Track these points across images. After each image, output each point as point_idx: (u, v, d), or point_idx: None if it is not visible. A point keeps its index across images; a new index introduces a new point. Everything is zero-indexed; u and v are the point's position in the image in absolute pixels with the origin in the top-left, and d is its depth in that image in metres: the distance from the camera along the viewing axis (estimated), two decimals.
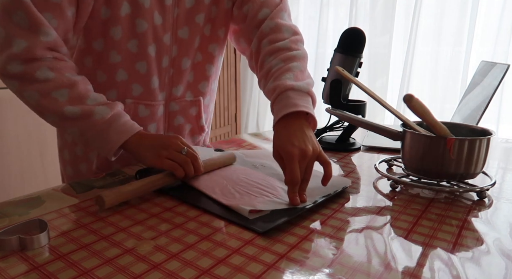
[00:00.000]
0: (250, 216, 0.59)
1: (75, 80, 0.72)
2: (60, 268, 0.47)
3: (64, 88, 0.70)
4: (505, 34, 2.15)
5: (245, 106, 3.14)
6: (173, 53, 0.86)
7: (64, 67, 0.72)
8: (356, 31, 0.99)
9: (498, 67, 1.00)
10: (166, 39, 0.83)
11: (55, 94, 0.70)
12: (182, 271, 0.47)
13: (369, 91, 0.80)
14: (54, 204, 0.66)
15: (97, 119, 0.71)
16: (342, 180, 0.75)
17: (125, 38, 0.79)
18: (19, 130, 1.81)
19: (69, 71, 0.72)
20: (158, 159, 0.71)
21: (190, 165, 0.71)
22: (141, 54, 0.81)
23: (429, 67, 2.39)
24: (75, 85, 0.71)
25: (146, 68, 0.83)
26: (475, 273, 0.47)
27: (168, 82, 0.88)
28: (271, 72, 0.80)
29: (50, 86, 0.70)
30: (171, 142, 0.73)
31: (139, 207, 0.65)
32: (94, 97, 0.73)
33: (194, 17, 0.86)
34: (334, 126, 1.09)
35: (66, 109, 0.70)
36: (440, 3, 2.29)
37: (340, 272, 0.47)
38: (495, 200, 0.70)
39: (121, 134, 0.72)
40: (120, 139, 0.72)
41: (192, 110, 0.95)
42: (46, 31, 0.69)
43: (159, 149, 0.72)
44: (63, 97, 0.70)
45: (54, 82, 0.70)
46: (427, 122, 0.72)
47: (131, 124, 0.74)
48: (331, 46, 2.63)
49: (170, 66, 0.87)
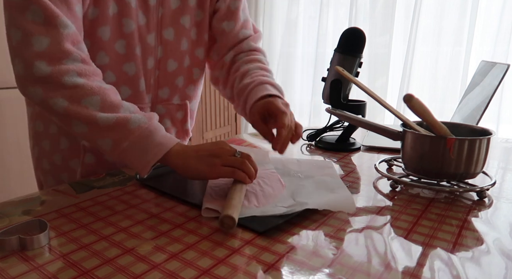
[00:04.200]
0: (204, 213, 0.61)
1: (105, 88, 0.67)
2: (60, 268, 0.47)
3: (95, 95, 0.65)
4: (505, 34, 2.15)
5: None
6: (158, 55, 0.85)
7: (93, 73, 0.67)
8: (356, 31, 0.99)
9: (498, 67, 1.00)
10: (151, 40, 0.82)
11: (86, 101, 0.64)
12: (182, 271, 0.47)
13: (369, 91, 0.80)
14: (54, 204, 0.66)
15: (134, 128, 0.64)
16: (348, 203, 0.64)
17: (113, 38, 0.77)
18: (19, 130, 1.82)
19: (98, 78, 0.68)
20: (214, 168, 0.65)
21: (248, 165, 0.66)
22: (128, 55, 0.80)
23: (429, 67, 2.39)
24: (106, 93, 0.66)
25: (134, 70, 0.81)
26: (475, 273, 0.47)
27: (154, 84, 0.87)
28: (249, 73, 0.86)
29: (80, 93, 0.64)
30: (221, 148, 0.67)
31: (139, 207, 0.65)
32: (127, 106, 0.67)
33: (179, 19, 0.85)
34: (334, 126, 1.09)
35: (100, 117, 0.64)
36: (440, 3, 2.30)
37: (340, 272, 0.47)
38: (495, 200, 0.70)
39: (161, 145, 0.65)
40: (160, 151, 0.64)
41: (178, 114, 0.94)
42: (65, 22, 0.64)
43: (211, 158, 0.66)
44: (95, 105, 0.64)
45: (84, 89, 0.64)
46: (427, 122, 0.72)
47: (170, 136, 0.68)
48: (331, 46, 2.63)
49: (155, 67, 0.86)
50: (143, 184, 0.74)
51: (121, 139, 0.64)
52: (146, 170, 0.65)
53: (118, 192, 0.71)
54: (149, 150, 0.65)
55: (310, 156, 0.99)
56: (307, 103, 2.93)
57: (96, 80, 0.67)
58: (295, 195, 0.67)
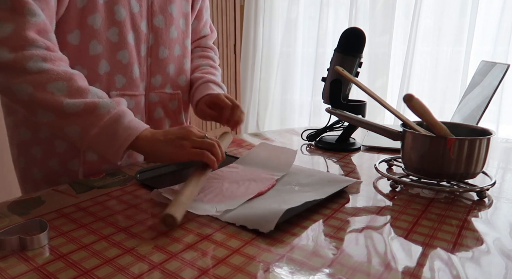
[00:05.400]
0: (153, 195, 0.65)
1: (72, 73, 0.65)
2: (60, 268, 0.47)
3: (61, 81, 0.63)
4: (505, 34, 2.15)
5: (245, 106, 3.14)
6: (150, 42, 0.87)
7: (58, 58, 0.65)
8: (356, 31, 0.99)
9: (498, 67, 1.00)
10: (143, 27, 0.84)
11: (51, 87, 0.62)
12: (182, 271, 0.47)
13: (369, 91, 0.80)
14: (54, 204, 0.66)
15: (103, 113, 0.63)
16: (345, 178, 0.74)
17: (104, 26, 0.77)
18: None
19: (64, 64, 0.66)
20: (182, 150, 0.64)
21: (217, 148, 0.66)
22: (121, 43, 0.80)
23: (429, 67, 2.39)
24: (72, 78, 0.64)
25: (127, 57, 0.82)
26: (475, 273, 0.47)
27: (147, 71, 0.88)
28: (200, 68, 1.02)
29: (45, 78, 0.62)
30: (189, 131, 0.67)
31: (139, 207, 0.65)
32: (95, 92, 0.66)
33: (167, 7, 0.88)
34: (334, 126, 1.09)
35: (66, 103, 0.62)
36: (440, 3, 2.30)
37: (340, 272, 0.47)
38: (495, 200, 0.70)
39: (130, 130, 0.65)
40: (130, 135, 0.64)
41: (171, 104, 0.96)
42: (33, 10, 0.62)
43: (179, 140, 0.65)
44: (61, 91, 0.62)
45: (49, 74, 0.62)
46: (427, 122, 0.72)
47: (138, 121, 0.68)
48: (331, 46, 2.63)
49: (148, 55, 0.87)
50: (143, 184, 0.74)
51: (90, 126, 0.63)
52: (118, 156, 0.64)
53: (118, 192, 0.71)
54: (118, 135, 0.63)
55: (310, 156, 0.99)
56: (307, 103, 2.93)
57: (62, 65, 0.66)
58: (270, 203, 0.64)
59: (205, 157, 0.65)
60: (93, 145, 0.65)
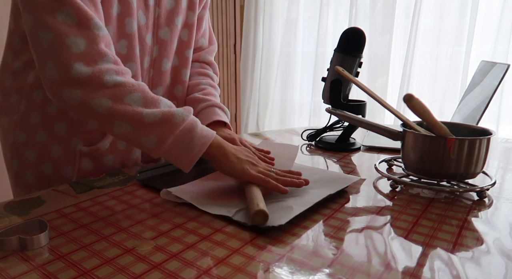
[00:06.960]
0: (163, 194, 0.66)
1: (142, 84, 0.67)
2: (60, 268, 0.47)
3: (136, 92, 0.64)
4: (505, 34, 2.14)
5: (245, 106, 3.14)
6: (153, 54, 0.86)
7: (127, 72, 0.67)
8: (356, 31, 0.99)
9: (498, 67, 1.00)
10: (148, 39, 0.83)
11: (129, 99, 0.63)
12: (182, 271, 0.47)
13: (369, 91, 0.80)
14: (54, 204, 0.66)
15: (178, 121, 0.65)
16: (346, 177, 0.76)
17: (115, 38, 0.76)
18: None
19: (129, 76, 0.68)
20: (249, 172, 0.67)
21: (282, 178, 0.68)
22: (129, 55, 0.79)
23: (429, 67, 2.39)
24: (144, 90, 0.66)
25: (134, 70, 0.80)
26: (475, 273, 0.47)
27: (149, 84, 0.87)
28: (200, 86, 0.96)
29: (122, 91, 0.63)
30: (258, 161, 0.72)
31: (139, 207, 0.65)
32: (165, 101, 0.67)
33: (174, 19, 0.86)
34: (334, 126, 1.09)
35: (146, 113, 0.63)
36: (440, 3, 2.29)
37: (340, 272, 0.47)
38: (495, 200, 0.70)
39: (203, 138, 0.66)
40: (204, 144, 0.66)
41: None
42: (99, 24, 0.63)
43: (249, 163, 0.69)
44: (137, 102, 0.64)
45: (125, 86, 0.64)
46: (427, 122, 0.72)
47: (207, 128, 0.69)
48: (331, 46, 2.63)
49: (150, 67, 0.86)
50: (143, 184, 0.74)
51: (167, 135, 0.64)
52: (191, 164, 0.66)
53: (118, 192, 0.71)
54: (194, 144, 0.65)
55: (310, 156, 0.99)
56: (307, 103, 2.93)
57: (130, 77, 0.67)
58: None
59: (270, 184, 0.66)
60: (168, 154, 0.66)
